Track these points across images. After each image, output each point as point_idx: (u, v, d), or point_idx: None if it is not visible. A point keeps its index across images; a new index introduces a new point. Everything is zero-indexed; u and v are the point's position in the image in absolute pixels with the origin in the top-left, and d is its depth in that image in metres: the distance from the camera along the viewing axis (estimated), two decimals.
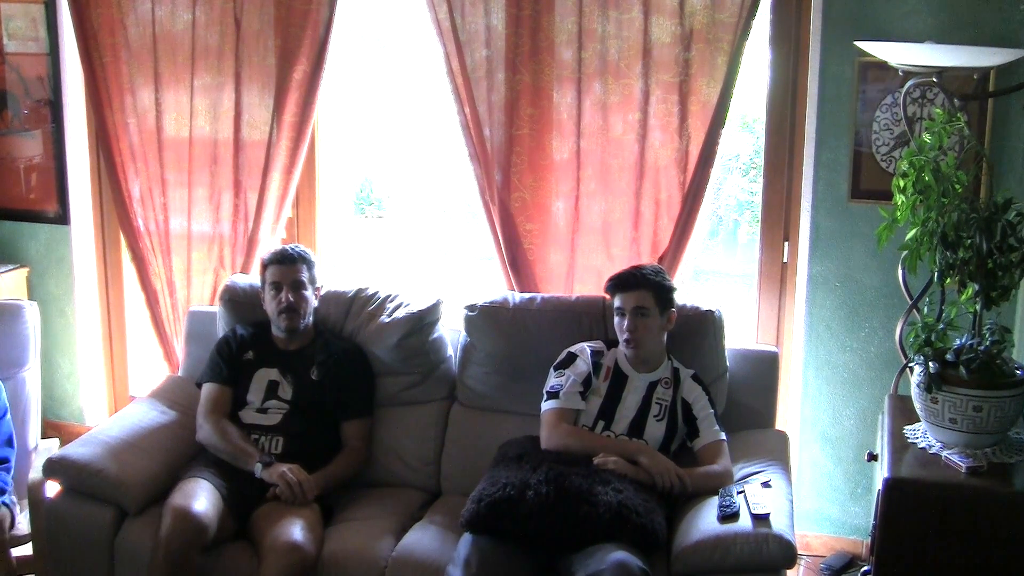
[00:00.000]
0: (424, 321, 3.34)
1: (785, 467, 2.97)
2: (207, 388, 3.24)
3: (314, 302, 3.31)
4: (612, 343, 3.10)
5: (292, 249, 3.29)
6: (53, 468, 3.01)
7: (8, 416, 3.24)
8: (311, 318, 3.30)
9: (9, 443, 3.20)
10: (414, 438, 3.33)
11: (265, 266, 3.29)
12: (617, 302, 3.00)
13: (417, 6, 3.46)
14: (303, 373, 3.22)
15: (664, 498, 2.79)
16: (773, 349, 3.42)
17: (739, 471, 2.93)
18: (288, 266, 3.24)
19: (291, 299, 3.21)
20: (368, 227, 7.82)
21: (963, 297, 2.68)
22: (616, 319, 3.02)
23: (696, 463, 2.93)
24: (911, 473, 2.59)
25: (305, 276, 3.27)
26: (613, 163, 3.41)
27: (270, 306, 3.26)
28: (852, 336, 3.42)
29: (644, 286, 2.97)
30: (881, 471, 2.64)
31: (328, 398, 3.20)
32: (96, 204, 4.22)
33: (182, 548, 2.74)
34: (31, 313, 3.50)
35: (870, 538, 2.88)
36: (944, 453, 2.62)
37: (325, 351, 3.25)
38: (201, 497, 2.86)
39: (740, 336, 3.53)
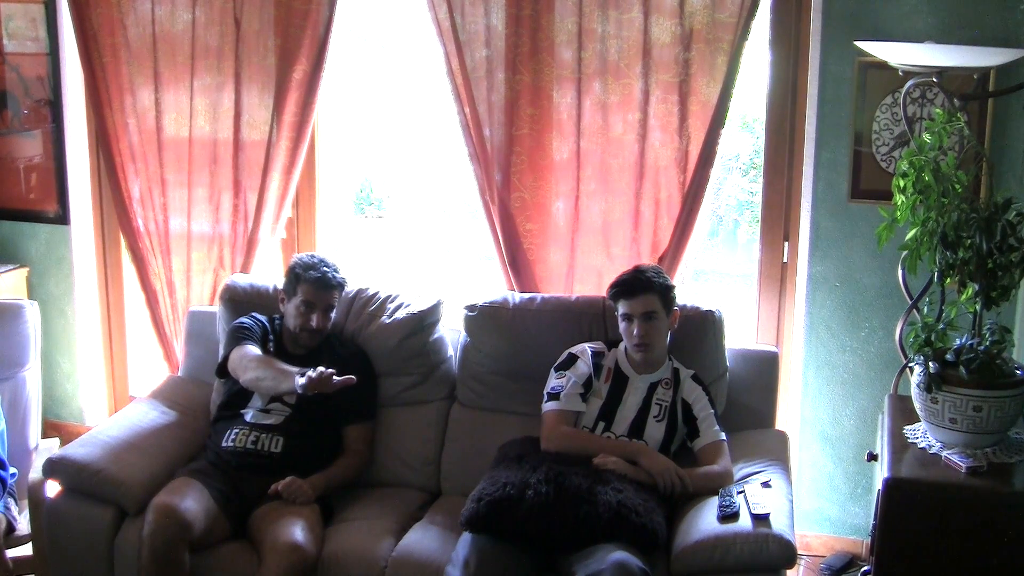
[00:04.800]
0: (425, 322, 3.34)
1: (785, 467, 2.97)
2: (244, 348, 3.15)
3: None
4: (613, 344, 3.10)
5: (334, 276, 3.23)
6: (53, 468, 3.01)
7: (3, 429, 3.20)
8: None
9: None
10: (414, 438, 3.33)
11: (302, 280, 3.21)
12: (623, 308, 2.99)
13: (417, 6, 3.46)
14: None
15: (664, 498, 2.79)
16: (773, 349, 3.42)
17: (739, 471, 2.93)
18: (328, 292, 3.22)
19: (320, 323, 3.21)
20: (368, 227, 7.82)
21: (963, 297, 2.68)
22: (623, 325, 3.00)
23: (696, 463, 2.93)
24: (911, 473, 2.59)
25: (336, 301, 3.27)
26: (613, 163, 3.41)
27: (294, 320, 3.22)
28: (852, 336, 3.42)
29: (650, 290, 2.96)
30: (881, 471, 2.64)
31: (332, 402, 3.19)
32: (96, 204, 4.22)
33: (166, 544, 2.74)
34: (31, 313, 3.49)
35: (870, 538, 2.88)
36: (944, 453, 2.62)
37: (330, 356, 3.23)
38: (186, 494, 2.86)
39: (740, 336, 3.53)
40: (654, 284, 2.97)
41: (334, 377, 2.88)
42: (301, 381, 2.89)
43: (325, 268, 3.23)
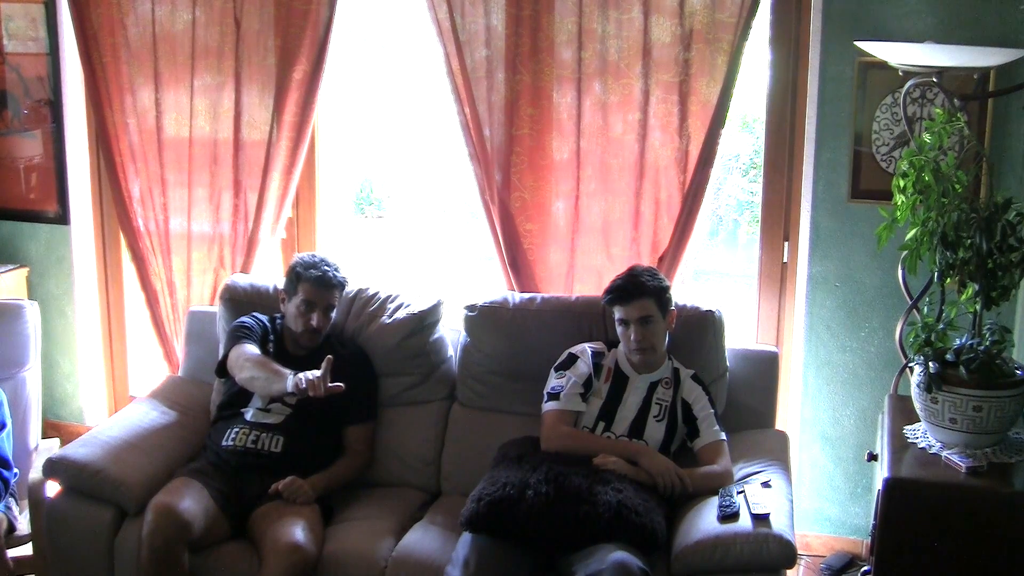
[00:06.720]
0: (425, 322, 3.34)
1: (785, 467, 2.97)
2: (242, 347, 3.15)
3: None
4: (613, 344, 3.10)
5: (335, 275, 3.24)
6: (53, 468, 3.01)
7: (8, 430, 3.20)
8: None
9: (5, 464, 3.16)
10: (414, 438, 3.33)
11: (302, 279, 3.21)
12: (619, 313, 2.99)
13: (417, 6, 3.46)
14: None
15: (664, 498, 2.79)
16: (773, 349, 3.42)
17: (739, 471, 2.93)
18: (328, 291, 3.22)
19: (321, 323, 3.21)
20: (368, 227, 7.82)
21: (963, 297, 2.68)
22: (620, 329, 3.00)
23: (696, 463, 2.93)
24: (911, 473, 2.59)
25: (337, 301, 3.27)
26: (613, 163, 3.41)
27: (295, 319, 3.22)
28: (852, 336, 3.42)
29: (645, 294, 2.96)
30: (881, 471, 2.64)
31: (333, 403, 3.18)
32: (96, 204, 4.22)
33: (165, 544, 2.74)
34: (31, 313, 3.50)
35: (870, 538, 2.88)
36: (944, 453, 2.62)
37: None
38: (185, 494, 2.86)
39: (740, 336, 3.53)
40: (648, 288, 2.96)
41: (327, 382, 2.87)
42: (291, 386, 2.88)
43: (326, 267, 3.24)
